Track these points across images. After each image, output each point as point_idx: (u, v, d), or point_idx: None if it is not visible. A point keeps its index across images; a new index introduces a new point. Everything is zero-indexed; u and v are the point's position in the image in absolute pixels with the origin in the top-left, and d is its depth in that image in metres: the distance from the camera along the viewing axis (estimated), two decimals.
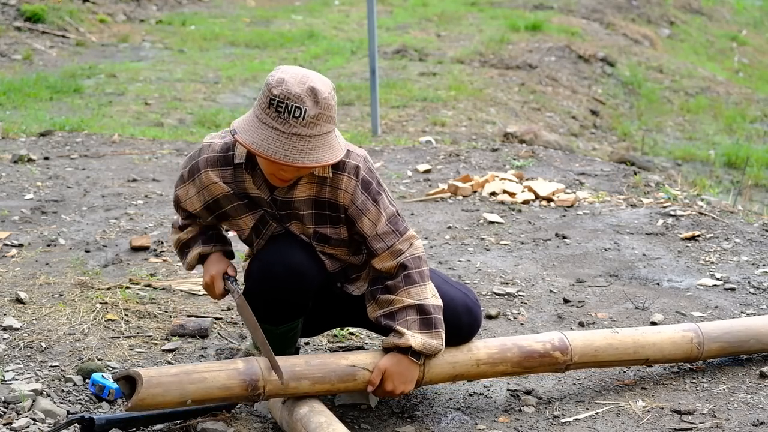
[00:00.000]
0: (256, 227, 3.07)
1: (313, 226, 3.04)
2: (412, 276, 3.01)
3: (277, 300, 3.03)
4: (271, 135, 2.77)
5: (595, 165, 6.76)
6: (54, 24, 12.71)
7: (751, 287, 4.34)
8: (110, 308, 3.89)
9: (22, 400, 3.03)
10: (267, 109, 2.78)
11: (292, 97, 2.75)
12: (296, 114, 2.75)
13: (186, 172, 3.08)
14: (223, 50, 12.55)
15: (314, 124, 2.78)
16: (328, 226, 3.04)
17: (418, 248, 3.06)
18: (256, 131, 2.79)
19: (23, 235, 4.90)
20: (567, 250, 4.89)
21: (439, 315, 3.02)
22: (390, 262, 3.02)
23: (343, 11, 15.98)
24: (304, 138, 2.77)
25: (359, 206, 2.99)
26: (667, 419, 3.16)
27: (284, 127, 2.76)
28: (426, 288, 3.02)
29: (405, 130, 8.42)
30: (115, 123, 8.27)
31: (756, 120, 11.97)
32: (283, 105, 2.75)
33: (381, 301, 3.03)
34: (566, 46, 12.84)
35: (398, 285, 3.00)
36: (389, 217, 3.03)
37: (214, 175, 3.00)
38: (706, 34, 17.54)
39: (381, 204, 3.02)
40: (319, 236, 3.06)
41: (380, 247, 3.02)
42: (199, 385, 2.76)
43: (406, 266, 3.01)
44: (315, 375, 2.91)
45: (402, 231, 3.04)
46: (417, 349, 2.96)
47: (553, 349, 3.20)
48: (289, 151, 2.76)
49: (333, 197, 3.00)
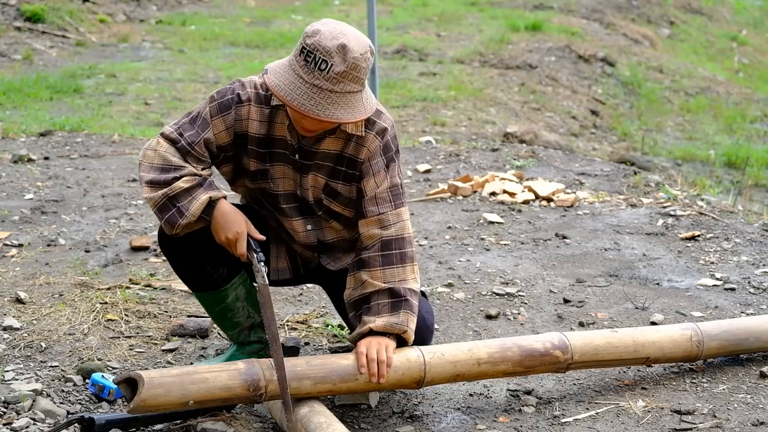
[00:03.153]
0: (255, 173, 3.06)
1: (326, 179, 3.05)
2: (390, 256, 3.01)
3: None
4: (294, 82, 2.80)
5: (595, 165, 6.76)
6: (54, 24, 12.70)
7: (751, 287, 4.34)
8: (110, 308, 3.89)
9: (22, 400, 3.03)
10: (298, 57, 2.82)
11: (321, 49, 2.77)
12: (322, 67, 2.77)
13: (216, 105, 2.98)
14: (223, 50, 12.55)
15: (338, 81, 2.79)
16: (341, 182, 3.06)
17: (406, 228, 3.05)
18: (284, 75, 2.83)
19: (23, 235, 4.90)
20: (567, 250, 4.89)
21: (410, 298, 3.00)
22: (373, 230, 3.02)
23: (343, 11, 15.98)
24: (325, 92, 2.79)
25: (372, 165, 3.03)
26: (667, 419, 3.16)
27: (308, 77, 2.78)
28: (404, 270, 3.01)
29: (405, 130, 8.41)
30: (115, 123, 8.27)
31: (756, 120, 11.97)
32: (312, 56, 2.78)
33: (357, 278, 3.03)
34: (566, 46, 12.84)
35: (374, 263, 3.00)
36: (392, 186, 3.05)
37: (255, 110, 2.99)
38: (706, 34, 17.54)
39: (391, 171, 3.05)
40: (329, 190, 3.07)
41: (371, 211, 3.03)
42: (200, 385, 2.76)
43: (387, 245, 3.01)
44: (316, 375, 2.91)
45: (397, 204, 3.05)
46: (377, 329, 2.96)
47: (554, 348, 3.21)
48: (308, 101, 2.78)
49: (356, 154, 3.02)
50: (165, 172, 2.93)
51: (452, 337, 3.83)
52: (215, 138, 2.99)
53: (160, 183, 2.93)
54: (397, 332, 2.99)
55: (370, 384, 2.98)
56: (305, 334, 3.80)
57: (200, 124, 2.98)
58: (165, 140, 2.98)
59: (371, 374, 2.93)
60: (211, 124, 2.98)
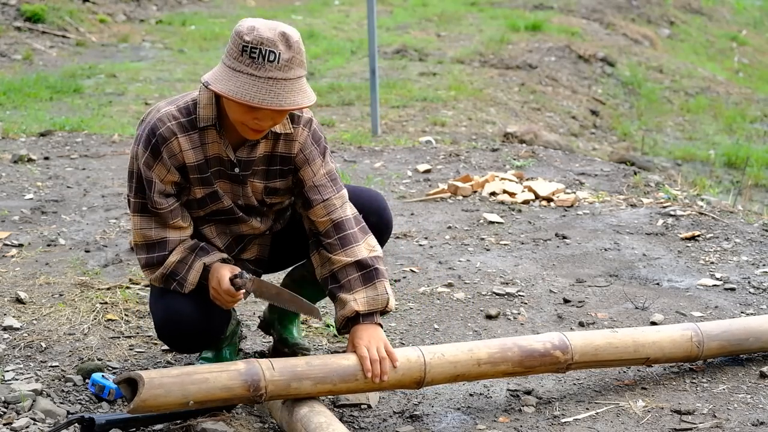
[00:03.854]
0: (203, 200, 3.06)
1: (263, 182, 3.09)
2: (347, 237, 3.07)
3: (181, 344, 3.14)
4: (246, 81, 2.77)
5: (595, 165, 6.76)
6: (54, 24, 12.71)
7: (751, 287, 4.34)
8: (110, 308, 3.89)
9: (22, 400, 3.03)
10: (240, 57, 2.78)
11: (266, 41, 2.77)
12: (270, 58, 2.77)
13: (149, 153, 2.95)
14: (223, 50, 12.55)
15: (288, 68, 2.80)
16: (278, 180, 3.10)
17: (350, 207, 3.12)
18: (231, 80, 2.79)
19: (23, 235, 4.90)
20: (567, 250, 4.89)
21: (378, 265, 3.06)
22: (323, 217, 3.08)
23: (343, 11, 15.98)
24: (280, 82, 2.78)
25: (307, 155, 3.08)
26: (667, 419, 3.16)
27: (259, 72, 2.77)
28: (364, 245, 3.08)
29: (405, 130, 8.41)
30: (115, 123, 8.27)
31: (756, 120, 11.97)
32: (257, 50, 2.76)
33: (321, 255, 3.09)
34: (566, 46, 12.84)
35: (335, 246, 3.06)
36: (328, 172, 3.12)
37: (183, 140, 2.94)
38: (706, 34, 17.54)
39: (326, 157, 3.12)
40: (269, 190, 3.11)
41: (316, 199, 3.08)
42: (201, 385, 2.76)
43: (340, 227, 3.07)
44: (317, 375, 2.91)
45: (338, 188, 3.11)
46: (363, 311, 3.01)
47: (554, 348, 3.21)
48: (267, 95, 2.77)
49: (287, 150, 3.06)
50: (152, 250, 3.03)
51: (452, 337, 3.83)
52: (165, 185, 2.98)
53: (154, 264, 3.04)
54: (381, 305, 3.04)
55: (370, 384, 2.98)
56: (305, 334, 3.80)
57: (147, 183, 2.98)
58: (134, 215, 3.04)
59: (374, 375, 2.95)
60: (154, 174, 2.96)
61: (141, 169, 2.98)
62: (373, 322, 3.04)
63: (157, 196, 2.98)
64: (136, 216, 3.04)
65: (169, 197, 3.00)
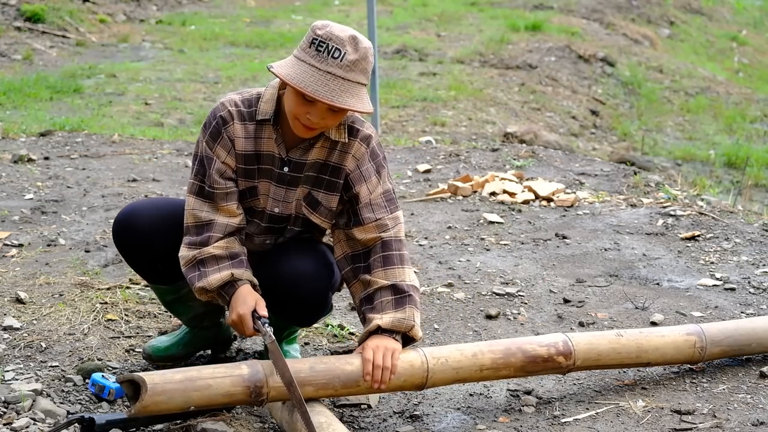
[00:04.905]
0: (243, 192, 3.07)
1: (309, 188, 3.07)
2: (391, 257, 3.03)
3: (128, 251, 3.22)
4: (306, 70, 2.82)
5: (595, 165, 6.76)
6: (54, 24, 12.70)
7: (751, 287, 4.34)
8: (110, 308, 3.89)
9: (22, 400, 3.03)
10: (307, 49, 2.84)
11: (335, 38, 2.82)
12: (335, 54, 2.81)
13: (209, 134, 3.02)
14: (223, 50, 12.56)
15: (350, 69, 2.82)
16: (322, 191, 3.07)
17: (402, 231, 3.10)
18: (292, 67, 2.84)
19: (23, 235, 4.90)
20: (567, 250, 4.89)
21: (413, 294, 3.03)
22: (372, 235, 3.05)
23: (343, 11, 15.98)
24: (338, 79, 2.81)
25: (363, 172, 3.05)
26: (667, 419, 3.16)
27: (321, 65, 2.81)
28: (404, 271, 3.04)
29: (405, 130, 8.41)
30: (115, 123, 8.27)
31: (756, 120, 11.97)
32: (324, 45, 2.81)
33: (362, 280, 3.05)
34: (566, 46, 12.85)
35: (376, 264, 3.03)
36: (385, 192, 3.09)
37: (239, 127, 3.01)
38: (706, 34, 17.54)
39: (382, 176, 3.09)
40: (310, 199, 3.08)
41: (368, 218, 3.05)
42: (203, 392, 2.75)
43: (387, 246, 3.04)
44: (319, 381, 2.89)
45: (392, 209, 3.09)
46: (385, 327, 2.97)
47: (557, 354, 3.18)
48: (322, 87, 2.79)
49: (340, 162, 3.04)
50: (199, 231, 3.04)
51: (452, 337, 3.83)
52: (225, 166, 3.03)
53: (197, 244, 3.03)
54: (405, 329, 2.99)
55: (372, 389, 2.97)
56: (305, 334, 3.80)
57: (207, 161, 3.03)
58: (190, 196, 3.08)
59: (374, 380, 2.94)
60: (214, 155, 3.02)
61: (203, 149, 3.04)
62: (391, 337, 2.99)
63: (216, 174, 3.02)
64: (191, 197, 3.07)
65: (228, 180, 3.04)
